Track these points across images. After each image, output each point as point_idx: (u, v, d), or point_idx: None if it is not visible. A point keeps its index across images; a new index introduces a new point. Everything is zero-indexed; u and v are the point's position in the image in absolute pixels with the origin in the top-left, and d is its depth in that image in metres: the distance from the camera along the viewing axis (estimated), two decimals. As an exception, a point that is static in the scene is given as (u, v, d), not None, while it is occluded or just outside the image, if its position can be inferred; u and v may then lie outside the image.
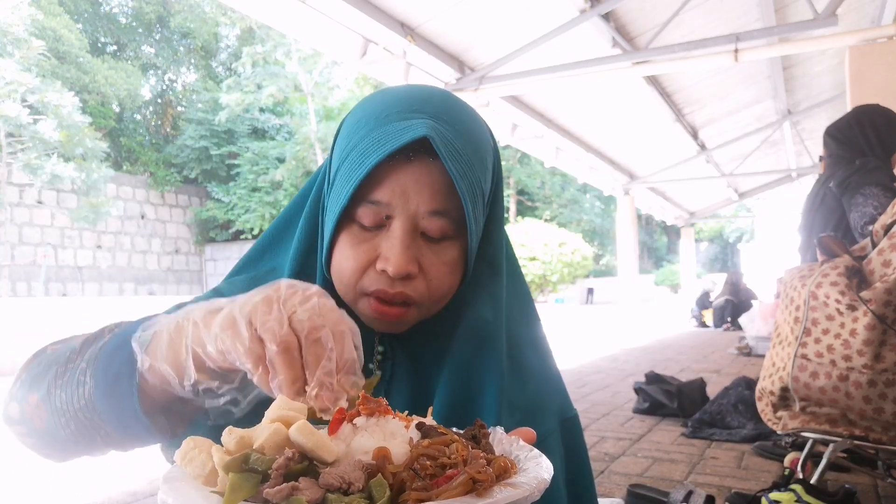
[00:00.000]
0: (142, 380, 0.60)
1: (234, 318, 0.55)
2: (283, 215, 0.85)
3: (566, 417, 0.82)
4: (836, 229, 2.47)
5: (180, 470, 0.48)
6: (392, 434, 0.49)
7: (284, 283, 0.57)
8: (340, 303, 0.78)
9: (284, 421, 0.48)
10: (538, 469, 0.49)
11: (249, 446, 0.46)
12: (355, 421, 0.49)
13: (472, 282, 0.78)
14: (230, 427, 0.48)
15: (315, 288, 0.58)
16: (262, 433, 0.47)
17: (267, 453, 0.46)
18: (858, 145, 2.54)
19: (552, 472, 0.49)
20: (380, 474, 0.44)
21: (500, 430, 0.57)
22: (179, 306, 0.80)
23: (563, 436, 0.80)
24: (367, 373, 0.78)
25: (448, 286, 0.73)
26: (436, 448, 0.47)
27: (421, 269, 0.70)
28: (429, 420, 0.54)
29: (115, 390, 0.60)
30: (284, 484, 0.42)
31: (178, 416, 0.64)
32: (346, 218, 0.71)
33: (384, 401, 0.51)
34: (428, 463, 0.46)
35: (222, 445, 0.48)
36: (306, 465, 0.44)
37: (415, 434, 0.51)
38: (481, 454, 0.48)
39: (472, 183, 0.70)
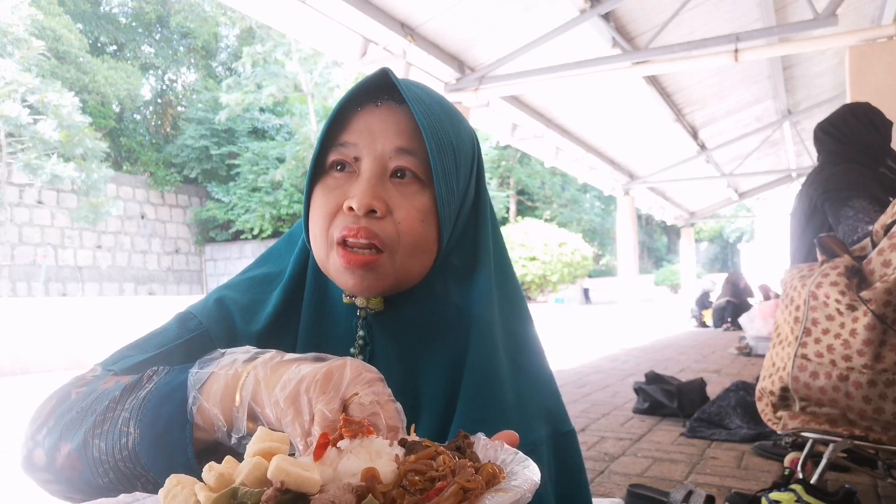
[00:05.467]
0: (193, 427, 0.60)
1: (299, 394, 0.55)
2: (294, 227, 0.87)
3: (562, 431, 0.78)
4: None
5: None
6: (378, 453, 0.49)
7: (350, 363, 0.57)
8: (319, 286, 0.80)
9: (265, 454, 0.47)
10: (526, 472, 0.49)
11: (230, 482, 0.46)
12: (339, 444, 0.49)
13: (452, 268, 0.78)
14: (210, 463, 0.48)
15: (376, 373, 0.57)
16: (243, 468, 0.46)
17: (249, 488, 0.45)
18: (856, 139, 2.52)
19: (540, 475, 0.49)
20: (370, 495, 0.44)
21: (482, 436, 0.57)
22: (184, 316, 0.80)
23: (557, 451, 0.77)
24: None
25: (419, 234, 0.72)
26: (422, 462, 0.47)
27: (390, 211, 0.71)
28: (412, 437, 0.54)
29: (165, 441, 0.60)
30: None
31: (223, 457, 0.64)
32: (321, 171, 0.75)
33: (366, 421, 0.51)
34: (416, 478, 0.45)
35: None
36: (296, 493, 0.44)
37: (399, 451, 0.50)
38: (468, 463, 0.48)
39: (440, 134, 0.72)
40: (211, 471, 0.47)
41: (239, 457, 0.60)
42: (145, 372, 0.66)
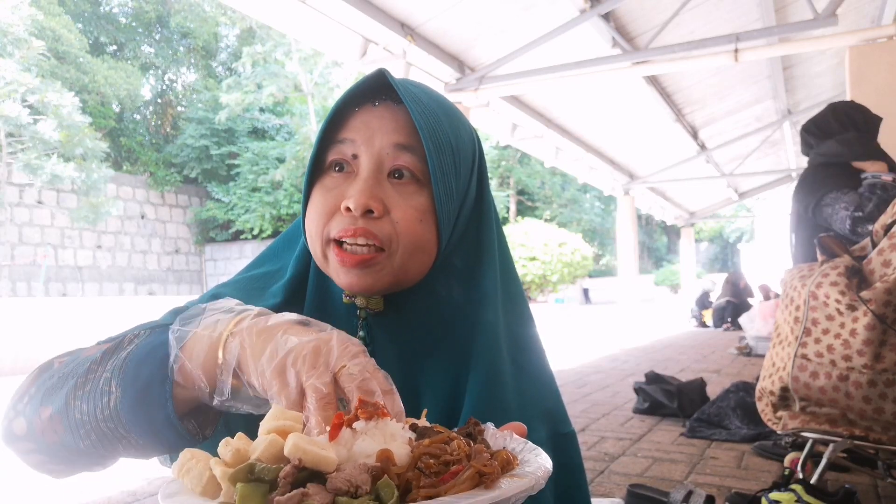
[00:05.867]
0: (173, 385, 0.60)
1: (286, 367, 0.55)
2: (293, 226, 0.86)
3: (562, 432, 0.79)
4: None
5: (178, 483, 0.48)
6: (392, 436, 0.49)
7: (336, 336, 0.57)
8: (321, 287, 0.79)
9: (280, 431, 0.48)
10: (539, 459, 0.50)
11: (246, 458, 0.46)
12: (354, 425, 0.49)
13: (454, 268, 0.77)
14: (226, 439, 0.48)
15: (359, 345, 0.58)
16: (259, 445, 0.47)
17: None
18: (839, 138, 2.53)
19: (552, 463, 0.50)
20: (386, 475, 0.44)
21: (491, 426, 0.57)
22: (180, 310, 0.78)
23: (557, 451, 0.77)
24: None
25: (418, 234, 0.71)
26: (437, 446, 0.48)
27: (387, 210, 0.71)
28: (422, 422, 0.54)
29: (145, 399, 0.60)
30: (294, 491, 0.42)
31: (206, 417, 0.65)
32: (319, 171, 0.75)
33: (381, 403, 0.52)
34: (431, 461, 0.46)
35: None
36: (312, 471, 0.45)
37: (411, 435, 0.51)
38: (484, 448, 0.49)
39: (438, 133, 0.71)
40: (227, 446, 0.47)
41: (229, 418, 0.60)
42: (126, 335, 0.66)
